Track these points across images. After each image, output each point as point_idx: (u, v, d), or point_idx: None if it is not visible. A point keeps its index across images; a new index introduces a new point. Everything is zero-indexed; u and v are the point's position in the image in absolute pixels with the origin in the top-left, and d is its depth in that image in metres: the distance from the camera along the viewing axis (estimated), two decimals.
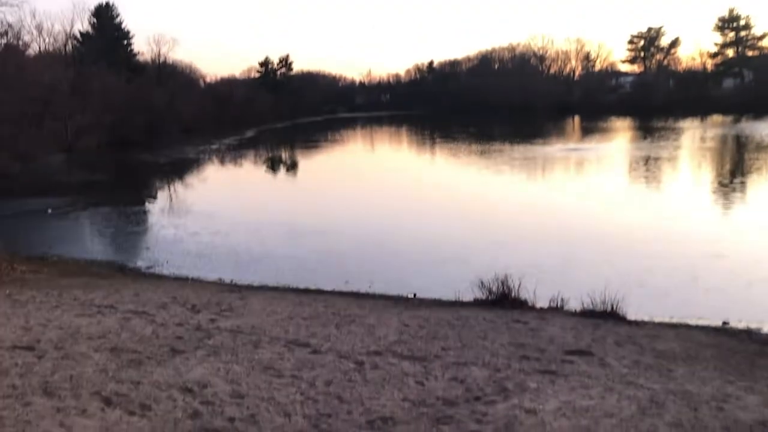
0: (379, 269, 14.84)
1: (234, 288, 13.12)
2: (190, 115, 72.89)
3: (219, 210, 24.23)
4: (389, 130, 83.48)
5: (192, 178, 38.02)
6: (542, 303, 10.82)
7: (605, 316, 9.88)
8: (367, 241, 17.74)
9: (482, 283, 11.10)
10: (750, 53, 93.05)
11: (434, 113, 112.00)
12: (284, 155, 53.85)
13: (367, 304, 11.01)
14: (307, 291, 12.87)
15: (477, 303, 11.03)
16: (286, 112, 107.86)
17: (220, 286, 13.55)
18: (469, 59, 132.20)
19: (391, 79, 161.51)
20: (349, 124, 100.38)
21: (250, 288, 13.23)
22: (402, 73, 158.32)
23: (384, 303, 11.37)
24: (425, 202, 25.01)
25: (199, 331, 8.53)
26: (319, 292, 12.74)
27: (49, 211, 24.69)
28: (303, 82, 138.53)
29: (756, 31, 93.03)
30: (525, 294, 10.91)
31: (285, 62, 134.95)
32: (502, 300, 10.84)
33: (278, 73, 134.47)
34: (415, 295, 12.43)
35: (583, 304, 10.34)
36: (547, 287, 11.76)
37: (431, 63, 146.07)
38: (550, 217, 20.45)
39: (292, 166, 45.06)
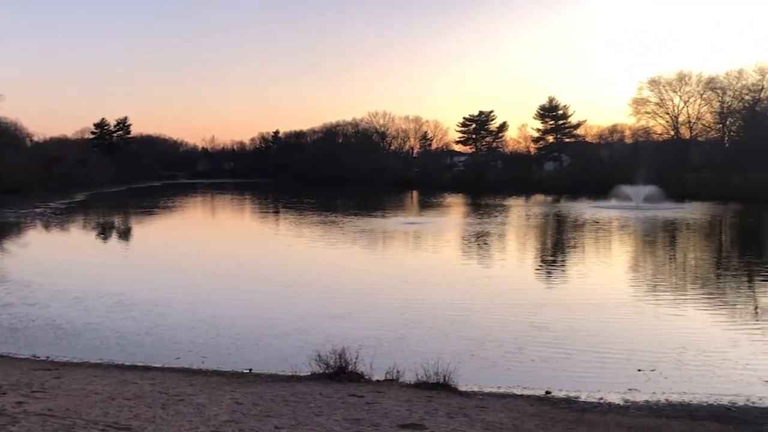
0: (213, 343, 14.27)
1: (49, 365, 11.98)
2: (12, 176, 67.51)
3: (38, 278, 22.27)
4: (231, 198, 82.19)
5: (9, 244, 34.86)
6: (379, 375, 10.87)
7: (438, 388, 10.10)
8: (202, 314, 17.01)
9: (320, 356, 10.98)
10: (567, 140, 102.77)
11: (279, 183, 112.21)
12: (116, 221, 51.04)
13: (199, 381, 10.47)
14: (133, 367, 12.04)
15: (314, 377, 10.86)
16: (123, 176, 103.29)
17: (33, 363, 12.32)
18: (314, 131, 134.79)
19: (235, 147, 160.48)
20: (190, 190, 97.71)
21: (68, 365, 12.14)
22: (247, 140, 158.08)
23: (217, 380, 10.88)
24: (264, 274, 24.63)
25: (1, 417, 7.63)
26: (147, 368, 11.97)
27: None
28: (141, 145, 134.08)
29: (572, 120, 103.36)
30: (362, 366, 10.92)
31: (122, 124, 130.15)
32: (340, 373, 10.75)
33: (115, 135, 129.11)
34: (250, 370, 12.02)
35: (417, 375, 10.52)
36: (384, 359, 11.92)
37: (277, 132, 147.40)
38: (388, 289, 20.84)
39: (124, 233, 42.74)
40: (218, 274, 24.35)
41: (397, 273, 24.35)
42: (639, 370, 11.96)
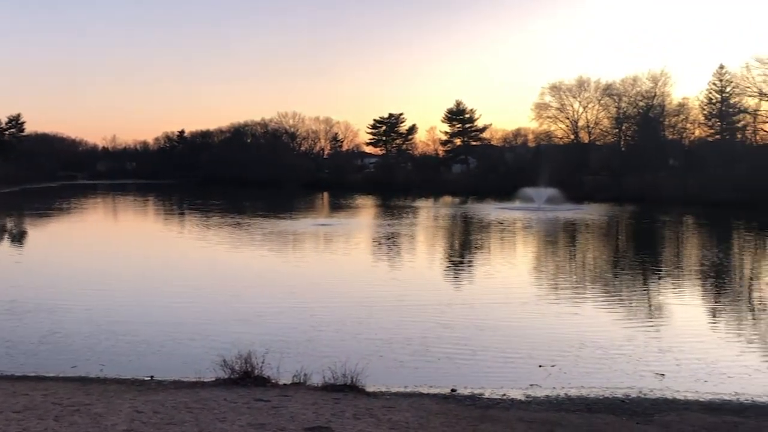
0: (113, 350, 13.69)
1: None
2: None
3: None
4: (134, 199, 79.28)
5: None
6: (286, 378, 10.75)
7: (346, 389, 10.08)
8: (101, 320, 16.28)
9: (225, 361, 10.73)
10: (474, 143, 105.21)
11: (184, 184, 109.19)
12: (7, 224, 48.15)
13: (96, 390, 10.01)
14: (23, 378, 11.37)
15: (219, 382, 10.60)
16: (15, 176, 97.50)
17: None
18: (221, 131, 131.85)
19: (138, 146, 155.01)
20: (89, 191, 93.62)
21: None
22: (150, 140, 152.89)
23: (116, 388, 10.43)
24: (167, 278, 23.91)
25: None
26: (39, 378, 11.33)
27: None
28: (37, 144, 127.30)
29: (478, 123, 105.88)
30: (269, 370, 10.76)
31: (15, 122, 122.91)
32: (245, 378, 10.54)
33: (6, 133, 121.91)
34: (152, 377, 11.60)
35: (325, 378, 10.47)
36: (292, 362, 11.80)
37: (182, 132, 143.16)
38: (297, 292, 20.67)
39: (16, 237, 40.42)
40: (119, 278, 23.41)
41: (307, 275, 24.19)
42: (540, 366, 12.37)
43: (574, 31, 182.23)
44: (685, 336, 15.14)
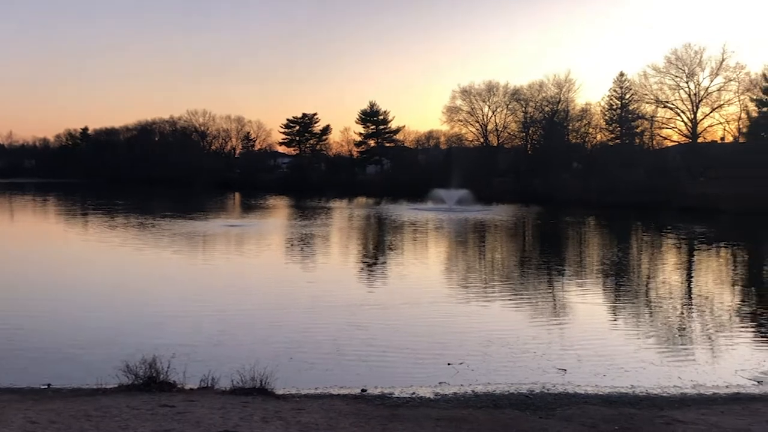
0: (8, 358, 12.94)
1: None
2: None
3: None
4: (33, 199, 75.28)
5: None
6: (193, 383, 10.49)
7: (255, 392, 9.93)
8: None
9: (128, 367, 10.36)
10: (387, 144, 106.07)
11: (90, 183, 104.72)
12: None
13: None
14: None
15: (122, 389, 10.22)
16: None
17: None
18: (128, 129, 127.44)
19: (38, 143, 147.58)
20: None
21: None
22: (51, 137, 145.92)
23: (9, 398, 9.86)
24: (67, 281, 22.86)
25: None
26: None
27: None
28: None
29: (392, 125, 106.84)
30: (175, 375, 10.47)
31: None
32: (150, 384, 10.21)
33: None
34: (49, 385, 11.05)
35: (233, 381, 10.29)
36: (200, 366, 11.53)
37: (86, 129, 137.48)
38: (205, 294, 20.23)
39: None
40: (13, 283, 22.19)
41: (216, 278, 23.69)
42: (449, 364, 12.60)
43: (486, 36, 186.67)
44: (586, 332, 15.80)
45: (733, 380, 11.98)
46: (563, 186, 70.71)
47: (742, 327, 16.84)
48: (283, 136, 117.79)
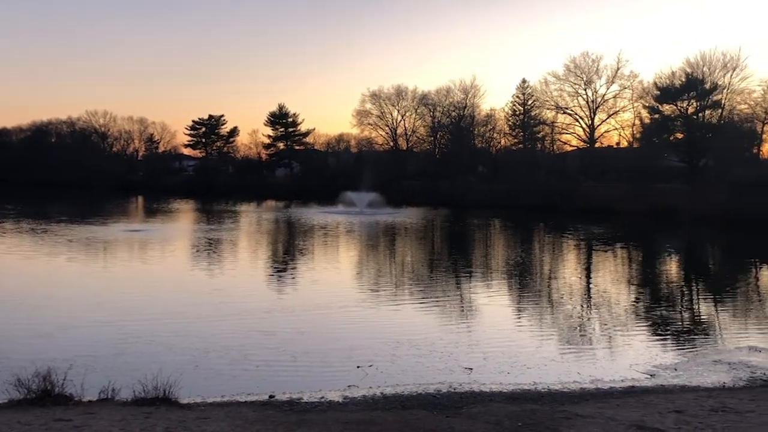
0: None
1: None
2: None
3: None
4: None
5: None
6: (92, 395, 10.02)
7: (158, 402, 9.61)
8: None
9: (20, 380, 9.78)
10: (297, 147, 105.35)
11: None
12: None
13: None
14: None
15: (12, 404, 9.62)
16: None
17: None
18: (21, 129, 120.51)
19: None
20: None
21: None
22: None
23: None
24: None
25: None
26: None
27: None
28: None
29: (302, 128, 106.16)
30: (72, 388, 9.97)
31: None
32: (44, 397, 9.68)
33: None
34: None
35: (135, 392, 9.91)
36: (99, 377, 11.09)
37: None
38: (106, 302, 19.37)
39: None
40: None
41: (117, 285, 22.77)
42: (358, 367, 12.62)
43: (396, 40, 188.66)
44: (492, 332, 16.22)
45: (629, 374, 12.60)
46: (470, 189, 72.47)
47: (637, 323, 17.77)
48: (189, 138, 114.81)
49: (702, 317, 19.18)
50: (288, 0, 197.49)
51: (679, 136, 69.20)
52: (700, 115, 67.75)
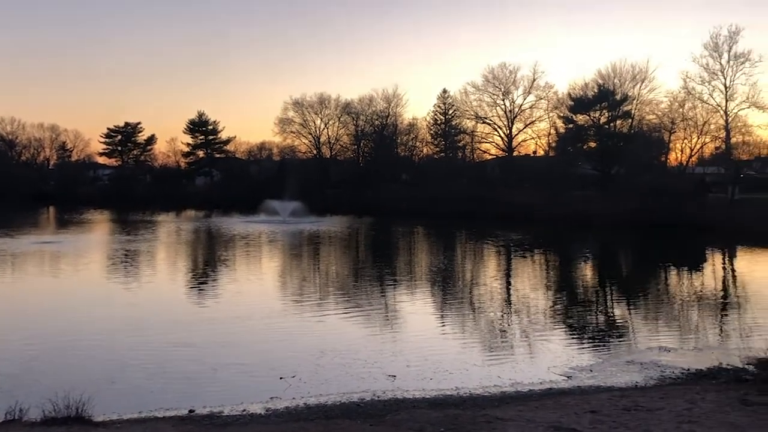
0: None
1: None
2: None
3: None
4: None
5: None
6: None
7: (70, 422, 9.22)
8: None
9: None
10: (218, 155, 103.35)
11: None
12: None
13: None
14: None
15: None
16: None
17: None
18: None
19: None
20: None
21: None
22: None
23: None
24: None
25: None
26: None
27: None
28: None
29: (222, 135, 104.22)
30: None
31: None
32: None
33: None
34: None
35: (45, 412, 9.46)
36: (5, 397, 10.63)
37: None
38: (11, 318, 18.47)
39: None
40: None
41: (26, 300, 21.74)
42: (281, 378, 12.47)
43: (318, 48, 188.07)
44: (415, 338, 16.37)
45: (547, 377, 12.96)
46: (393, 197, 73.01)
47: (555, 326, 18.32)
48: (104, 147, 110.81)
49: (616, 319, 19.96)
50: (208, 5, 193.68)
51: (592, 145, 71.84)
52: (612, 125, 70.58)
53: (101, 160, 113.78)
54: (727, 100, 61.51)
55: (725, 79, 61.09)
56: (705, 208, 52.34)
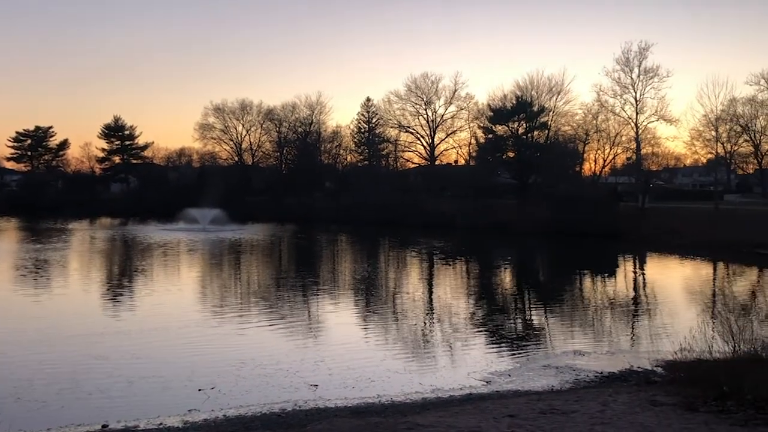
0: None
1: None
2: None
3: None
4: None
5: None
6: None
7: None
8: None
9: None
10: (134, 161, 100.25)
11: None
12: None
13: None
14: None
15: None
16: None
17: None
18: None
19: None
20: None
21: None
22: None
23: None
24: None
25: None
26: None
27: None
28: None
29: (140, 141, 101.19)
30: None
31: None
32: None
33: None
34: None
35: None
36: None
37: None
38: None
39: None
40: None
41: None
42: (200, 390, 12.19)
43: (240, 52, 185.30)
44: (337, 347, 16.33)
45: (467, 382, 13.19)
46: (317, 205, 72.77)
47: (475, 333, 18.68)
48: (12, 151, 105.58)
49: (533, 325, 20.54)
50: (123, 7, 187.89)
51: (511, 154, 73.77)
52: (530, 135, 72.68)
53: (9, 165, 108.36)
54: (637, 113, 64.36)
55: (636, 92, 63.91)
56: (617, 217, 54.61)
